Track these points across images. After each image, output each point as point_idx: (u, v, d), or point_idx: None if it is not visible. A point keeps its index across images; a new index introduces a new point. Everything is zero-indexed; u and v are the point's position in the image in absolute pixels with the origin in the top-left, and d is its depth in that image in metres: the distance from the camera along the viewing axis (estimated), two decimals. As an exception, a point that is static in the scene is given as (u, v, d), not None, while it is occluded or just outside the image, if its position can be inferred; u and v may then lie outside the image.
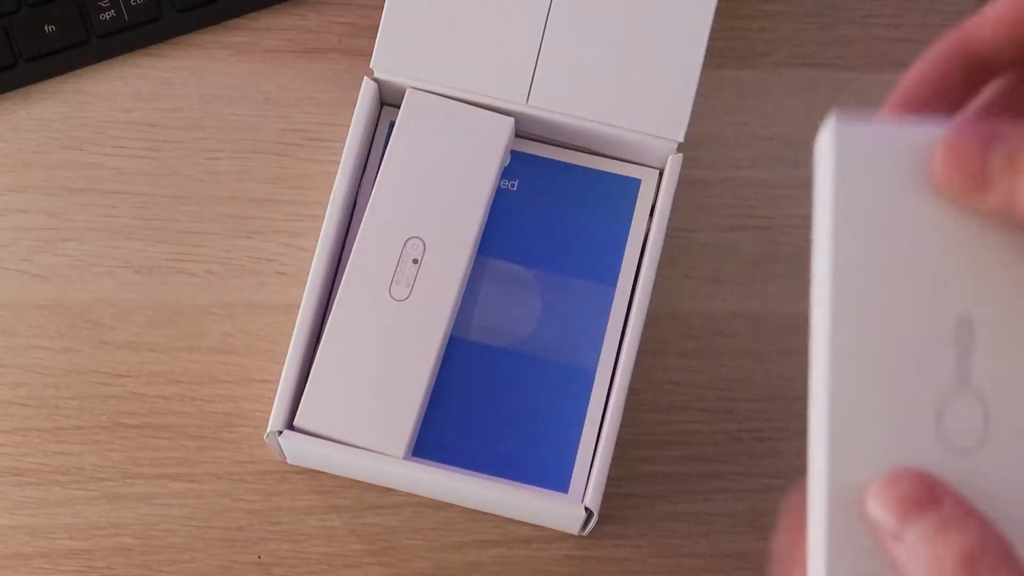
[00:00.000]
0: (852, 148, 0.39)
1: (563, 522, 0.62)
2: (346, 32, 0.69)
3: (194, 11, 0.68)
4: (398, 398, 0.59)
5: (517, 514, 0.63)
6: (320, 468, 0.64)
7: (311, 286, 0.61)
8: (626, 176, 0.65)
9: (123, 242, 0.67)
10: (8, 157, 0.67)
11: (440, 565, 0.64)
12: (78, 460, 0.64)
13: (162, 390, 0.65)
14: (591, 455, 0.61)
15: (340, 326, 0.59)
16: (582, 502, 0.60)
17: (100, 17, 0.67)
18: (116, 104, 0.68)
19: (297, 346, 0.60)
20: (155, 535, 0.64)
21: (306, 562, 0.63)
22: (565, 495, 0.61)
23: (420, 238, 0.60)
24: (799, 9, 0.70)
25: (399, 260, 0.60)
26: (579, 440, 0.62)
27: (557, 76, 0.62)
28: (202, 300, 0.66)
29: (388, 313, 0.59)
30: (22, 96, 0.68)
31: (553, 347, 0.63)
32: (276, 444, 0.60)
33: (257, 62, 0.69)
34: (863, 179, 0.38)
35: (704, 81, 0.63)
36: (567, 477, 0.61)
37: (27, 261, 0.66)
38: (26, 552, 0.63)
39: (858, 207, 0.38)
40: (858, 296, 0.38)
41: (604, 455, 0.60)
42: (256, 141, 0.68)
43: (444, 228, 0.60)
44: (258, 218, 0.67)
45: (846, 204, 0.38)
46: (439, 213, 0.60)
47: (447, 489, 0.62)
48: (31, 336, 0.65)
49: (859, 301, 0.38)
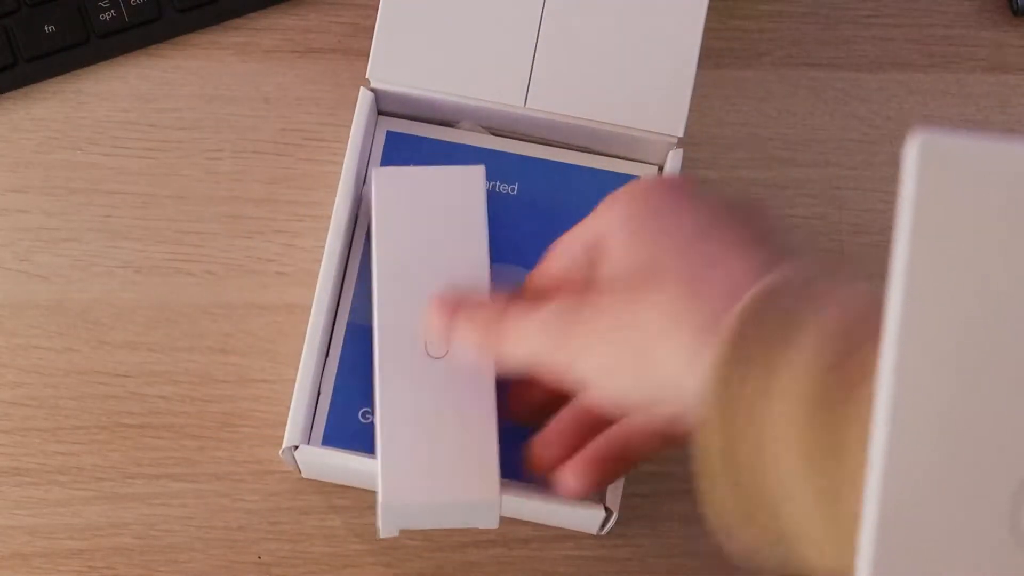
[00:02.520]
0: (938, 167, 0.34)
1: (582, 522, 0.62)
2: (345, 32, 0.69)
3: (194, 11, 0.68)
4: (475, 446, 0.58)
5: (535, 516, 0.63)
6: (336, 481, 0.64)
7: (318, 303, 0.61)
8: (626, 174, 0.65)
9: (123, 242, 0.67)
10: (8, 157, 0.67)
11: (440, 565, 0.64)
12: (78, 460, 0.64)
13: (162, 390, 0.65)
14: None
15: (391, 397, 0.58)
16: (600, 502, 0.60)
17: (100, 17, 0.67)
18: (116, 104, 0.68)
19: (309, 359, 0.60)
20: (155, 535, 0.64)
21: (306, 562, 0.63)
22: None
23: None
24: (799, 9, 0.70)
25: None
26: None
27: (554, 76, 0.62)
28: (202, 300, 0.66)
29: (433, 372, 0.59)
30: (22, 96, 0.68)
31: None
32: (291, 459, 0.60)
33: (257, 62, 0.69)
34: (946, 201, 0.34)
35: (703, 81, 0.63)
36: None
37: (27, 261, 0.66)
38: (26, 552, 0.63)
39: (939, 232, 0.34)
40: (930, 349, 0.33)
41: None
42: (256, 141, 0.68)
43: (457, 280, 0.60)
44: (258, 218, 0.67)
45: (926, 227, 0.34)
46: (447, 269, 0.60)
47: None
48: (31, 336, 0.65)
49: (930, 356, 0.33)
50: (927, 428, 0.33)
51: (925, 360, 0.33)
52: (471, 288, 0.59)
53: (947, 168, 0.34)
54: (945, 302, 0.34)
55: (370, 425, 0.61)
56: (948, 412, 0.33)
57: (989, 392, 0.33)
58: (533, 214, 0.64)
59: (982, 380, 0.33)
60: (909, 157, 0.35)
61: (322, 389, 0.62)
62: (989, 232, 0.34)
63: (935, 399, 0.33)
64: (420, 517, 0.58)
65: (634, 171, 0.65)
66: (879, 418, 0.33)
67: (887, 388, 0.33)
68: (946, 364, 0.33)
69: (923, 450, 0.33)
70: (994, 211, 0.34)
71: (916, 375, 0.33)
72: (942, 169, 0.34)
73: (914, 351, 0.33)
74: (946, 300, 0.34)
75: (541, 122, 0.63)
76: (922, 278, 0.34)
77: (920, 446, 0.33)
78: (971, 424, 0.33)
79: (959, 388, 0.33)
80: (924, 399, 0.33)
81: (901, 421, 0.33)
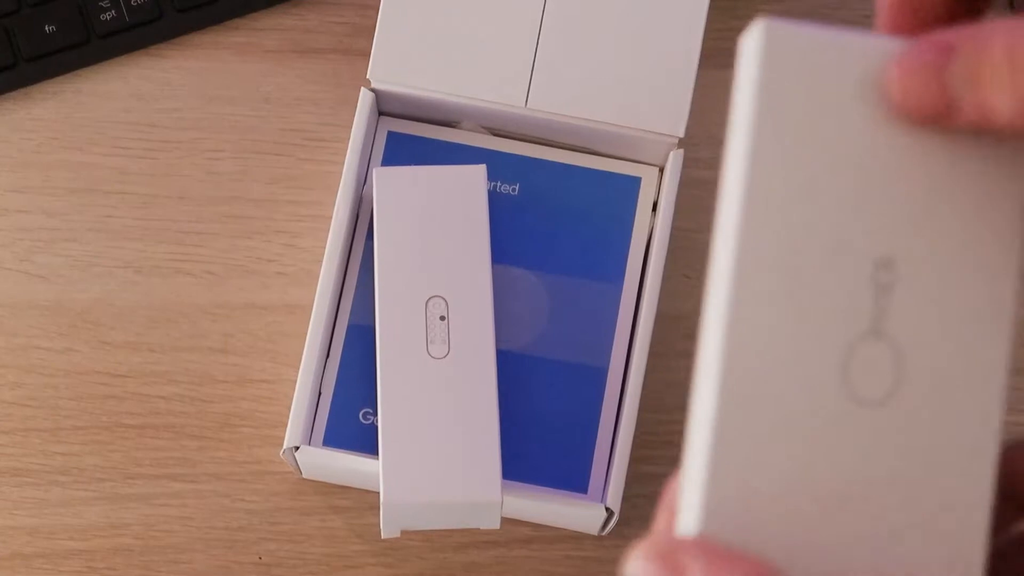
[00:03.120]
0: (783, 52, 0.35)
1: (583, 523, 0.62)
2: (346, 32, 0.69)
3: (194, 11, 0.68)
4: (477, 447, 0.58)
5: (536, 516, 0.63)
6: (337, 482, 0.64)
7: (319, 303, 0.61)
8: (627, 175, 0.65)
9: (123, 242, 0.67)
10: (8, 157, 0.67)
11: (440, 566, 0.64)
12: (78, 460, 0.64)
13: (162, 390, 0.65)
14: (608, 454, 0.61)
15: (392, 397, 0.59)
16: (602, 502, 0.60)
17: (100, 17, 0.67)
18: (116, 104, 0.68)
19: (309, 359, 0.60)
20: (155, 535, 0.64)
21: (306, 563, 0.63)
22: (584, 495, 0.61)
23: (440, 296, 0.60)
24: (800, 8, 0.70)
25: (426, 321, 0.60)
26: (595, 440, 0.62)
27: (555, 77, 0.62)
28: (202, 300, 0.66)
29: (435, 372, 0.59)
30: (22, 96, 0.68)
31: (563, 348, 0.63)
32: (292, 460, 0.60)
33: (257, 62, 0.69)
34: (791, 87, 0.35)
35: (704, 81, 0.63)
36: (585, 477, 0.61)
37: (27, 261, 0.66)
38: (26, 552, 0.63)
39: (783, 118, 0.35)
40: (771, 219, 0.35)
41: (622, 453, 0.60)
42: (256, 141, 0.68)
43: (459, 281, 0.60)
44: (258, 218, 0.67)
45: (770, 112, 0.35)
46: (449, 269, 0.60)
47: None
48: (31, 336, 0.65)
49: (771, 225, 0.35)
50: (766, 293, 0.35)
51: (764, 237, 0.35)
52: (473, 289, 0.60)
53: (790, 58, 0.35)
54: (785, 189, 0.35)
55: (371, 426, 0.61)
56: (784, 280, 0.35)
57: (819, 267, 0.35)
58: (534, 214, 0.64)
59: (813, 256, 0.35)
60: (750, 44, 0.36)
61: (323, 390, 0.62)
62: (834, 121, 0.35)
63: (772, 274, 0.35)
64: (421, 517, 0.58)
65: (634, 172, 0.65)
66: (721, 282, 0.35)
67: (728, 272, 0.35)
68: (783, 241, 0.35)
69: (762, 314, 0.35)
70: (842, 103, 0.35)
71: (754, 253, 0.35)
72: (786, 59, 0.35)
73: (755, 228, 0.35)
74: (786, 187, 0.35)
75: (542, 122, 0.63)
76: (764, 166, 0.35)
77: (759, 310, 0.35)
78: (802, 290, 0.35)
79: (792, 266, 0.35)
80: (762, 275, 0.35)
81: (743, 287, 0.35)
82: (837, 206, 0.35)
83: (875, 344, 0.35)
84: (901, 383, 0.35)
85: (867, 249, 0.35)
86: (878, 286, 0.35)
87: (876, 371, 0.35)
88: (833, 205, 0.35)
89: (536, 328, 0.63)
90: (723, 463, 0.35)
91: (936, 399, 0.35)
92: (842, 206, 0.35)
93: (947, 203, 0.35)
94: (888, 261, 0.35)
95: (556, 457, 0.62)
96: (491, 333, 0.60)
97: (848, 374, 0.35)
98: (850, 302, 0.35)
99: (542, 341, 0.63)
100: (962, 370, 0.35)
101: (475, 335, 0.60)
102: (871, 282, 0.35)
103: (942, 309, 0.35)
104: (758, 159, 0.35)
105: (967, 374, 0.35)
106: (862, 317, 0.35)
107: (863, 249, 0.35)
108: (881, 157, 0.35)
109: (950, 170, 0.35)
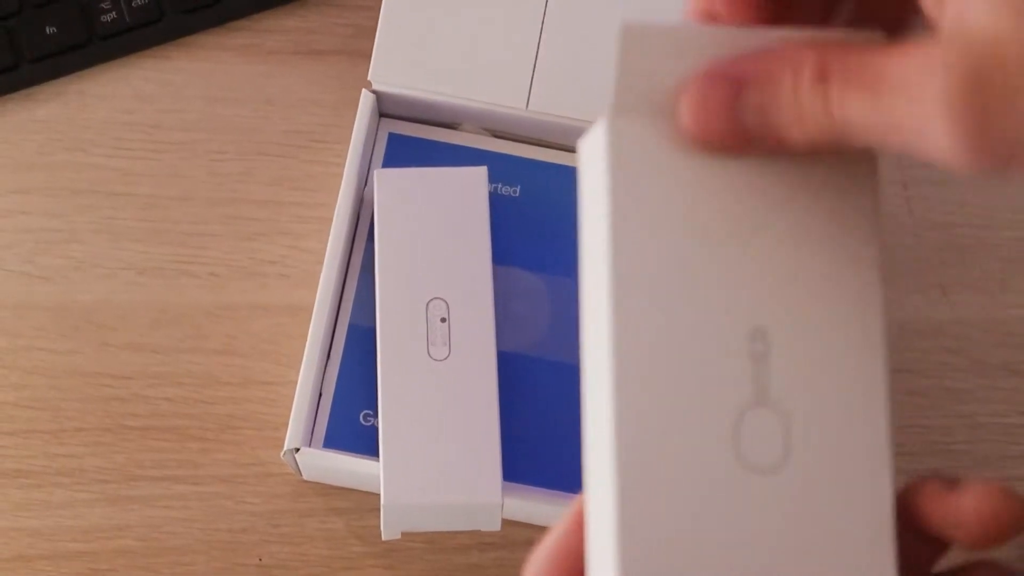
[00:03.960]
0: (623, 140, 0.35)
1: None
2: (348, 34, 0.69)
3: (196, 12, 0.68)
4: (477, 449, 0.58)
5: (537, 518, 0.63)
6: (337, 483, 0.64)
7: (320, 304, 0.61)
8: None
9: (126, 244, 0.67)
10: (11, 159, 0.67)
11: (441, 567, 0.64)
12: (80, 462, 0.64)
13: (165, 392, 0.65)
14: None
15: (393, 399, 0.59)
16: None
17: (102, 18, 0.67)
18: (119, 105, 0.68)
19: (310, 361, 0.60)
20: (158, 537, 0.64)
21: (307, 564, 0.63)
22: None
23: (440, 298, 0.60)
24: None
25: (427, 323, 0.60)
26: None
27: (556, 78, 0.62)
28: (205, 302, 0.66)
29: (435, 373, 0.59)
30: (24, 98, 0.68)
31: (564, 350, 0.63)
32: (293, 462, 0.60)
33: (260, 63, 0.69)
34: (635, 163, 0.35)
35: (706, 83, 0.63)
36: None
37: (30, 263, 0.66)
38: (29, 554, 0.63)
39: (633, 195, 0.35)
40: (641, 301, 0.35)
41: None
42: (259, 143, 0.68)
43: (460, 283, 0.60)
44: (261, 220, 0.67)
45: (621, 193, 0.35)
46: (450, 271, 0.60)
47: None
48: (34, 338, 0.65)
49: (642, 307, 0.35)
50: (644, 381, 0.35)
51: (637, 319, 0.35)
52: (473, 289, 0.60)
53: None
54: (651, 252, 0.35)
55: (371, 427, 0.61)
56: (664, 359, 0.35)
57: (695, 344, 0.35)
58: (535, 216, 0.64)
59: (688, 334, 0.35)
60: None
61: (324, 391, 0.62)
62: (680, 183, 0.35)
63: (651, 354, 0.35)
64: (422, 519, 0.58)
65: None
66: (601, 360, 0.35)
67: (606, 353, 0.35)
68: (657, 322, 0.35)
69: (647, 395, 0.35)
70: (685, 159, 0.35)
71: (630, 335, 0.35)
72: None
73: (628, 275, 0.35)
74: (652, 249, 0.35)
75: (543, 124, 0.63)
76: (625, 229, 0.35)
77: (642, 400, 0.35)
78: (684, 368, 0.35)
79: (669, 346, 0.35)
80: (641, 356, 0.35)
81: (624, 368, 0.35)
82: (703, 279, 0.35)
83: (761, 412, 0.35)
84: (791, 448, 0.35)
85: (738, 320, 0.35)
86: (754, 356, 0.35)
87: (765, 438, 0.35)
88: (698, 278, 0.35)
89: (537, 330, 0.63)
90: (629, 541, 0.35)
91: (826, 460, 0.35)
92: (707, 277, 0.35)
93: (803, 254, 0.35)
94: (759, 330, 0.35)
95: (557, 459, 0.62)
96: (492, 335, 0.60)
97: (739, 443, 0.35)
98: (731, 374, 0.35)
99: (543, 342, 0.63)
100: (847, 427, 0.35)
101: (476, 337, 0.60)
102: (748, 353, 0.35)
103: (818, 369, 0.35)
104: (618, 244, 0.35)
105: (853, 430, 0.35)
106: (744, 388, 0.35)
107: (734, 321, 0.35)
108: (730, 214, 0.35)
109: (800, 214, 0.35)
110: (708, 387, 0.35)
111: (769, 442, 0.35)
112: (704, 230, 0.35)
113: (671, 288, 0.35)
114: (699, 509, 0.35)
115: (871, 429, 0.35)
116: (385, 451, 0.58)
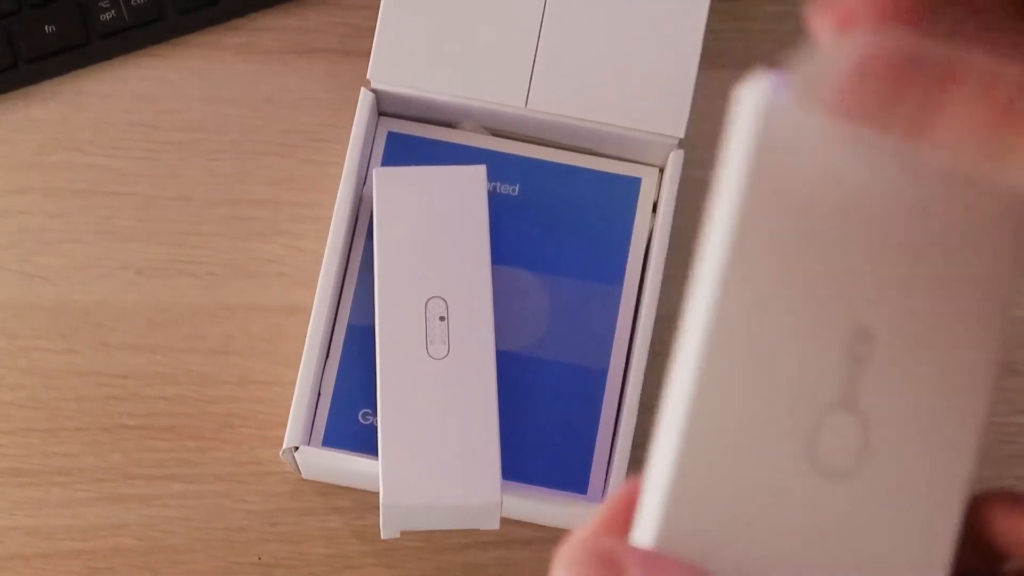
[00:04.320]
0: (775, 128, 0.34)
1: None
2: (347, 33, 0.69)
3: (195, 12, 0.68)
4: (476, 449, 0.58)
5: (536, 517, 0.63)
6: (336, 482, 0.64)
7: (319, 304, 0.61)
8: (627, 176, 0.65)
9: (124, 244, 0.67)
10: (9, 159, 0.67)
11: (441, 567, 0.64)
12: (78, 461, 0.64)
13: (163, 391, 0.65)
14: (607, 455, 0.61)
15: (392, 398, 0.59)
16: (601, 503, 0.60)
17: (101, 18, 0.67)
18: (117, 105, 0.68)
19: (309, 360, 0.60)
20: (155, 536, 0.64)
21: (307, 563, 0.63)
22: (584, 496, 0.61)
23: (440, 297, 0.60)
24: (800, 9, 0.70)
25: (426, 321, 0.60)
26: (595, 441, 0.62)
27: (555, 77, 0.62)
28: (203, 301, 0.66)
29: (434, 372, 0.59)
30: (23, 97, 0.68)
31: (563, 349, 0.63)
32: (291, 460, 0.60)
33: (258, 63, 0.69)
34: (782, 157, 0.34)
35: (705, 82, 0.63)
36: (585, 478, 0.61)
37: (28, 263, 0.66)
38: (26, 553, 0.63)
39: (772, 184, 0.34)
40: (752, 281, 0.34)
41: (622, 454, 0.60)
42: (257, 142, 0.68)
43: (459, 282, 0.60)
44: (259, 219, 0.67)
45: (759, 177, 0.34)
46: (448, 270, 0.60)
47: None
48: (32, 338, 0.65)
49: (751, 286, 0.34)
50: (736, 357, 0.34)
51: (743, 298, 0.34)
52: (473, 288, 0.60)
53: (783, 134, 0.34)
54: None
55: (370, 426, 0.61)
56: (759, 344, 0.34)
57: (795, 334, 0.34)
58: (534, 215, 0.64)
59: (791, 322, 0.34)
60: (744, 109, 0.35)
61: (322, 390, 0.62)
62: (821, 184, 0.34)
63: (747, 337, 0.34)
64: (421, 518, 0.58)
65: (634, 172, 0.65)
66: (696, 335, 0.35)
67: (703, 330, 0.35)
68: (761, 305, 0.34)
69: (731, 378, 0.34)
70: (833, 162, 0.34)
71: (732, 313, 0.34)
72: (777, 135, 0.34)
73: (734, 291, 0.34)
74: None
75: (542, 123, 0.63)
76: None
77: (728, 375, 0.34)
78: (786, 339, 0.34)
79: (768, 331, 0.34)
80: (738, 337, 0.34)
81: (713, 352, 0.34)
82: (823, 263, 0.34)
83: (845, 416, 0.34)
84: (864, 460, 0.35)
85: (847, 316, 0.34)
86: (854, 356, 0.34)
87: (842, 442, 0.34)
88: (819, 261, 0.34)
89: (536, 329, 0.63)
90: (678, 505, 0.34)
91: (898, 484, 0.35)
92: (827, 263, 0.34)
93: (929, 270, 0.34)
94: (867, 332, 0.34)
95: (556, 458, 0.62)
96: (491, 334, 0.60)
97: (814, 440, 0.34)
98: (826, 369, 0.34)
99: (542, 342, 0.63)
100: (929, 456, 0.35)
101: (475, 336, 0.60)
102: (849, 352, 0.34)
103: (916, 389, 0.35)
104: (746, 220, 0.34)
105: (933, 460, 0.35)
106: (835, 386, 0.34)
107: (843, 316, 0.34)
108: (868, 210, 0.34)
109: (937, 236, 0.34)
110: (800, 375, 0.34)
111: (844, 447, 0.34)
112: (838, 218, 0.34)
113: (789, 262, 0.34)
114: (755, 494, 0.34)
115: (952, 464, 0.35)
116: (384, 450, 0.58)
